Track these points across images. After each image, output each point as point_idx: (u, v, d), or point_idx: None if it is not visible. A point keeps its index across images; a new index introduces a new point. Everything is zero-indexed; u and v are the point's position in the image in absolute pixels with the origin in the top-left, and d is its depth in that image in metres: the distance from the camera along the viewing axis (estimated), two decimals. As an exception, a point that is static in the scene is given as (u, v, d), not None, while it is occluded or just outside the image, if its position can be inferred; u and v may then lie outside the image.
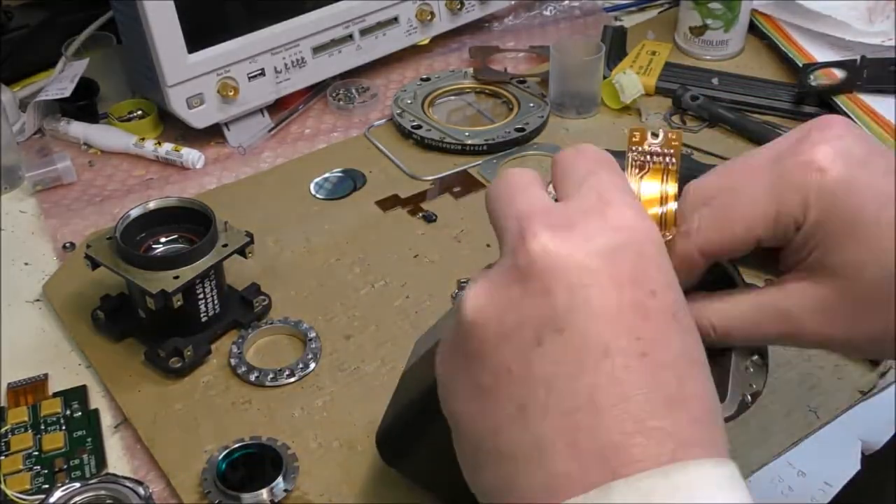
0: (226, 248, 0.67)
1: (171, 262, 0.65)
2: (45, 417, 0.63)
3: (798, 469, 0.60)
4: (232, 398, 0.65)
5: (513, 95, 0.93)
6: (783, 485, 0.59)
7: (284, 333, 0.70)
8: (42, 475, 0.60)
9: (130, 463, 0.61)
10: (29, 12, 0.98)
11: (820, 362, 0.66)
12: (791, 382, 0.64)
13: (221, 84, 0.86)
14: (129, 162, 0.89)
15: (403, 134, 0.90)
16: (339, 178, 0.85)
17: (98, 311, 0.69)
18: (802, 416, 0.62)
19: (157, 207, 0.69)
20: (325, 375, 0.66)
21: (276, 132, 0.92)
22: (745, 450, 0.60)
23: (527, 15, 1.09)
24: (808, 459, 0.60)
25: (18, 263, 0.78)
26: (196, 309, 0.67)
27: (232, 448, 0.59)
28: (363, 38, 0.94)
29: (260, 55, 0.88)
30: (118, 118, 0.92)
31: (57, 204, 0.84)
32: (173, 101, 0.85)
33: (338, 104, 0.94)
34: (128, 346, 0.68)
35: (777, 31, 0.99)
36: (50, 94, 0.88)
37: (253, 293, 0.70)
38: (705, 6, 0.96)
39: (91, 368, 0.68)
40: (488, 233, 0.75)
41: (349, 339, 0.69)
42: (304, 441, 0.61)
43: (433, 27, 0.99)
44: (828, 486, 0.59)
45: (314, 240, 0.78)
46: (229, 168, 0.87)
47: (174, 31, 0.82)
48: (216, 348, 0.68)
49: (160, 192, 0.84)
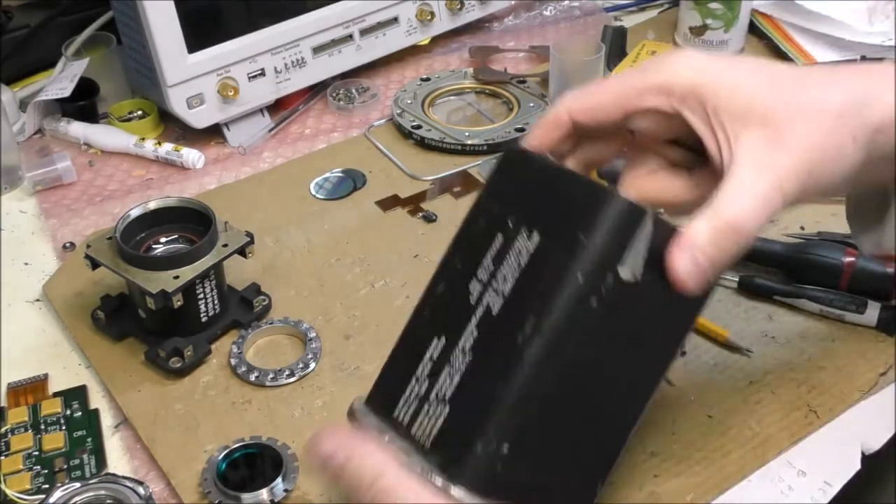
0: (226, 248, 0.67)
1: (171, 262, 0.65)
2: (45, 417, 0.63)
3: (798, 469, 0.60)
4: (232, 398, 0.65)
5: (513, 95, 0.93)
6: (783, 485, 0.59)
7: (284, 333, 0.70)
8: (42, 475, 0.60)
9: (130, 463, 0.61)
10: (29, 12, 0.98)
11: (820, 362, 0.66)
12: (791, 382, 0.64)
13: (221, 84, 0.86)
14: (129, 162, 0.89)
15: (403, 134, 0.90)
16: (339, 178, 0.85)
17: (98, 311, 0.69)
18: (802, 416, 0.62)
19: (157, 207, 0.69)
20: (325, 375, 0.66)
21: (276, 132, 0.92)
22: (745, 450, 0.60)
23: (527, 15, 1.09)
24: (808, 459, 0.60)
25: (18, 263, 0.78)
26: (196, 309, 0.67)
27: (232, 448, 0.59)
28: (363, 38, 0.94)
29: (260, 55, 0.88)
30: (118, 118, 0.92)
31: (57, 204, 0.84)
32: (173, 101, 0.85)
33: (338, 104, 0.94)
34: (128, 346, 0.68)
35: (777, 31, 1.00)
36: (50, 94, 0.88)
37: (253, 293, 0.70)
38: (705, 6, 0.96)
39: (91, 368, 0.68)
40: (488, 233, 0.75)
41: (349, 339, 0.69)
42: (304, 441, 0.61)
43: (433, 27, 0.99)
44: (828, 485, 0.59)
45: (314, 240, 0.78)
46: (229, 168, 0.88)
47: (174, 31, 0.82)
48: (216, 348, 0.68)
49: (160, 192, 0.84)
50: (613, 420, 0.49)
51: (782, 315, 0.69)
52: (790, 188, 0.46)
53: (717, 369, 0.65)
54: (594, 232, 0.44)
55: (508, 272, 0.47)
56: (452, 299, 0.49)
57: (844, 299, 0.68)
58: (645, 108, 0.50)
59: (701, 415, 0.62)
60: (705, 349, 0.67)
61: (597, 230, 0.44)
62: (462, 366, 0.46)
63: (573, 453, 0.48)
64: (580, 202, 0.46)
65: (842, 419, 0.62)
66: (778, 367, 0.65)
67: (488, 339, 0.46)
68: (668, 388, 0.64)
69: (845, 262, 0.68)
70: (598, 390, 0.48)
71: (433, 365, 0.48)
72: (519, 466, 0.45)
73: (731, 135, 0.47)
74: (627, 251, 0.45)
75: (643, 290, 0.46)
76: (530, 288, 0.46)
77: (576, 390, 0.47)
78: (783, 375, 0.65)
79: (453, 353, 0.47)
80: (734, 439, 0.61)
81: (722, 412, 0.63)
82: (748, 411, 0.63)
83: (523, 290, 0.46)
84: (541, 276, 0.46)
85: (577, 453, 0.48)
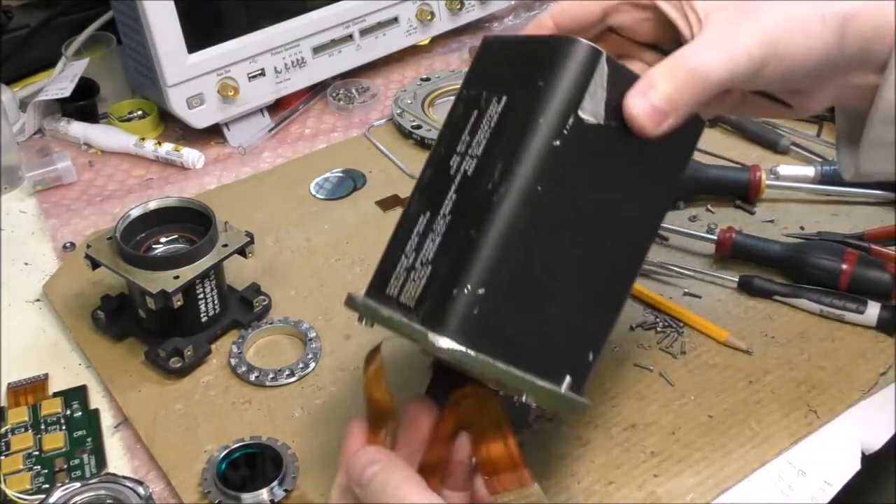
0: (226, 248, 0.67)
1: (171, 262, 0.65)
2: (46, 417, 0.63)
3: (798, 469, 0.60)
4: (232, 398, 0.65)
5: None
6: (783, 484, 0.59)
7: (284, 333, 0.70)
8: (42, 475, 0.60)
9: (130, 463, 0.61)
10: (29, 12, 0.98)
11: (820, 362, 0.66)
12: (791, 382, 0.64)
13: (221, 84, 0.87)
14: (129, 162, 0.89)
15: (403, 134, 0.90)
16: (339, 178, 0.85)
17: (98, 311, 0.69)
18: (802, 416, 0.62)
19: (157, 207, 0.69)
20: (325, 375, 0.66)
21: (276, 132, 0.92)
22: (745, 450, 0.60)
23: (527, 15, 1.09)
24: (808, 459, 0.60)
25: (18, 263, 0.78)
26: (196, 309, 0.67)
27: (232, 448, 0.59)
28: (363, 38, 0.94)
29: (260, 55, 0.88)
30: (118, 118, 0.92)
31: (57, 204, 0.84)
32: (173, 101, 0.85)
33: (338, 104, 0.94)
34: (128, 346, 0.68)
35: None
36: (50, 94, 0.88)
37: (253, 293, 0.70)
38: (705, 6, 0.96)
39: (91, 368, 0.68)
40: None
41: (349, 339, 0.69)
42: (304, 441, 0.61)
43: (433, 27, 0.99)
44: (828, 485, 0.59)
45: (314, 240, 0.78)
46: (229, 168, 0.88)
47: (174, 31, 0.82)
48: (216, 348, 0.68)
49: (160, 192, 0.85)
50: (606, 272, 0.49)
51: (782, 315, 0.69)
52: (755, 52, 0.48)
53: (717, 369, 0.65)
54: (552, 77, 0.46)
55: (482, 137, 0.49)
56: (436, 179, 0.50)
57: (844, 299, 0.68)
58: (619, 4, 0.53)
59: (701, 415, 0.62)
60: (705, 349, 0.67)
61: (554, 75, 0.46)
62: (442, 228, 0.48)
63: (564, 303, 0.48)
64: (541, 57, 0.48)
65: (842, 419, 0.62)
66: (778, 367, 0.65)
67: (464, 197, 0.48)
68: (668, 387, 0.64)
69: (845, 263, 0.68)
70: (583, 238, 0.48)
71: (419, 238, 0.49)
72: (505, 311, 0.46)
73: (702, 15, 0.49)
74: (586, 92, 0.46)
75: (615, 136, 0.48)
76: (498, 142, 0.48)
77: (555, 236, 0.47)
78: (783, 375, 0.65)
79: (436, 222, 0.49)
80: (734, 439, 0.61)
81: (722, 412, 0.63)
82: (748, 411, 0.63)
83: (492, 145, 0.48)
84: (507, 127, 0.48)
85: (569, 303, 0.48)
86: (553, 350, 0.48)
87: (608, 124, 0.47)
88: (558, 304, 0.48)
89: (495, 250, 0.46)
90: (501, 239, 0.46)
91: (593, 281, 0.49)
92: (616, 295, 0.50)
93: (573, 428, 0.62)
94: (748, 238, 0.73)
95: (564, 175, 0.47)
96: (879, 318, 0.67)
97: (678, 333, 0.68)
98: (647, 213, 0.51)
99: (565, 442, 0.60)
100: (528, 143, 0.46)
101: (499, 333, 0.46)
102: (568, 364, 0.48)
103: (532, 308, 0.47)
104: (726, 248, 0.72)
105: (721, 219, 0.78)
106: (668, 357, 0.66)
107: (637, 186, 0.50)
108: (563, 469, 0.58)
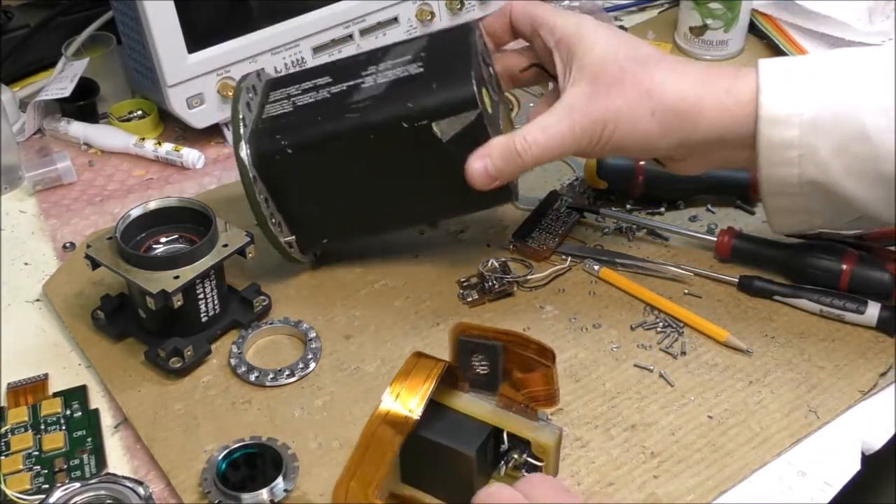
0: (226, 248, 0.67)
1: (171, 262, 0.65)
2: (45, 417, 0.63)
3: (798, 469, 0.60)
4: (232, 398, 0.65)
5: (512, 95, 0.93)
6: (783, 485, 0.59)
7: (284, 333, 0.70)
8: (42, 475, 0.60)
9: (130, 463, 0.61)
10: (29, 12, 0.98)
11: (820, 362, 0.66)
12: (791, 382, 0.64)
13: (221, 84, 0.86)
14: (129, 162, 0.89)
15: (403, 134, 0.90)
16: (339, 178, 0.85)
17: (98, 311, 0.69)
18: (802, 415, 0.62)
19: (157, 207, 0.69)
20: (325, 375, 0.66)
21: (276, 132, 0.92)
22: (745, 450, 0.60)
23: (527, 15, 1.08)
24: (807, 460, 0.60)
25: (18, 263, 0.78)
26: (196, 309, 0.67)
27: (232, 448, 0.59)
28: (363, 38, 0.94)
29: (260, 55, 0.88)
30: (118, 118, 0.92)
31: (57, 204, 0.84)
32: (173, 101, 0.85)
33: (338, 104, 0.94)
34: (128, 346, 0.68)
35: (777, 31, 0.99)
36: (50, 94, 0.88)
37: (253, 293, 0.70)
38: (705, 6, 0.96)
39: (91, 368, 0.68)
40: (488, 232, 0.75)
41: (349, 339, 0.69)
42: (304, 441, 0.61)
43: (433, 27, 0.99)
44: (828, 486, 0.59)
45: (314, 240, 0.78)
46: (229, 168, 0.87)
47: (174, 31, 0.82)
48: (216, 348, 0.68)
49: (160, 192, 0.85)
50: (373, 207, 0.70)
51: (782, 315, 0.69)
52: (580, 132, 0.62)
53: (717, 369, 0.65)
54: (441, 94, 0.64)
55: (392, 76, 0.67)
56: (346, 69, 0.70)
57: (844, 299, 0.68)
58: (538, 32, 0.67)
59: (701, 415, 0.62)
60: (705, 349, 0.67)
61: (442, 95, 0.64)
62: (316, 98, 0.68)
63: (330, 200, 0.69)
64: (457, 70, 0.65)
65: (842, 419, 0.62)
66: (778, 367, 0.65)
67: (344, 93, 0.68)
68: (668, 388, 0.64)
69: (845, 263, 0.68)
70: (377, 183, 0.68)
71: (311, 88, 0.69)
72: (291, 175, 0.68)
73: (573, 79, 0.63)
74: (449, 120, 0.63)
75: (447, 151, 0.64)
76: (387, 89, 0.66)
77: (355, 163, 0.67)
78: (783, 375, 0.65)
79: (320, 90, 0.69)
80: (734, 439, 0.61)
81: (722, 412, 0.63)
82: (748, 411, 0.63)
83: (385, 87, 0.66)
84: (399, 85, 0.66)
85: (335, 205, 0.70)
86: (299, 218, 0.70)
87: (451, 145, 0.64)
88: (327, 199, 0.69)
89: (317, 136, 0.66)
90: (323, 134, 0.66)
91: (362, 203, 0.69)
92: (368, 225, 0.72)
93: (573, 428, 0.62)
94: (748, 238, 0.73)
95: (395, 146, 0.65)
96: (879, 318, 0.67)
97: (678, 333, 0.68)
98: (437, 208, 0.71)
99: (565, 442, 0.60)
100: (390, 108, 0.65)
101: (277, 185, 0.68)
102: (305, 233, 0.71)
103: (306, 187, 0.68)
104: (726, 248, 0.72)
105: (721, 219, 0.78)
106: (668, 357, 0.67)
107: (443, 190, 0.67)
108: (563, 469, 0.58)
